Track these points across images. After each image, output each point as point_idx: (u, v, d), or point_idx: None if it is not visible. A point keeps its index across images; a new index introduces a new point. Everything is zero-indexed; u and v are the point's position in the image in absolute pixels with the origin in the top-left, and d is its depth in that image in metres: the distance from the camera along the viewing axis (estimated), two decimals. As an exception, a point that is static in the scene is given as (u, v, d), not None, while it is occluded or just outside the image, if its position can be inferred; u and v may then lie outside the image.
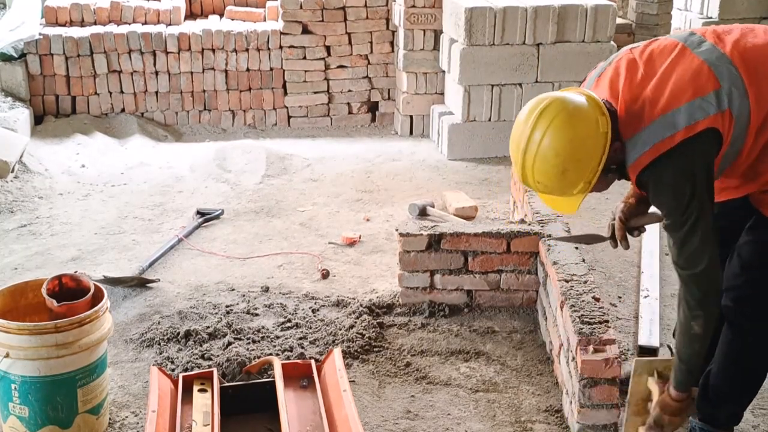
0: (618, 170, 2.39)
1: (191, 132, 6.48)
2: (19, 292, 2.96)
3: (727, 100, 2.27)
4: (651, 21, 6.37)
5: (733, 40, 2.34)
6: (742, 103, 2.28)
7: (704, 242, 2.31)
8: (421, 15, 6.26)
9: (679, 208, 2.29)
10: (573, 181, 2.31)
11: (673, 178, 2.29)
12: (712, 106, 2.26)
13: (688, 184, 2.27)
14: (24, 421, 2.78)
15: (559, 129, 2.25)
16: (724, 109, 2.27)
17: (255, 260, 4.35)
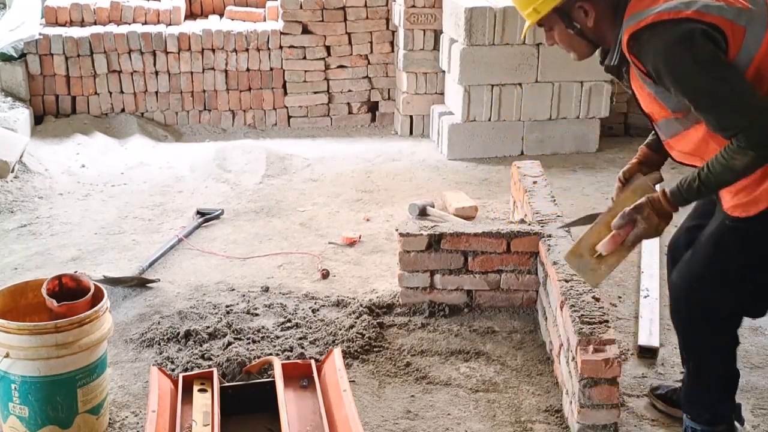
0: (589, 41, 2.60)
1: (191, 132, 6.48)
2: (19, 292, 2.96)
3: (745, 20, 2.29)
4: (651, 21, 6.38)
5: None
6: (755, 39, 2.30)
7: (739, 93, 2.27)
8: (421, 15, 6.26)
9: (698, 72, 2.27)
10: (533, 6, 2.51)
11: (676, 40, 2.28)
12: (731, 13, 2.29)
13: (691, 46, 2.27)
14: (24, 421, 2.78)
15: None
16: (741, 25, 2.29)
17: (255, 260, 4.35)
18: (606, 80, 5.92)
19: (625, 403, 3.09)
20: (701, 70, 2.27)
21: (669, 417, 3.04)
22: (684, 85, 2.32)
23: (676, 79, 2.32)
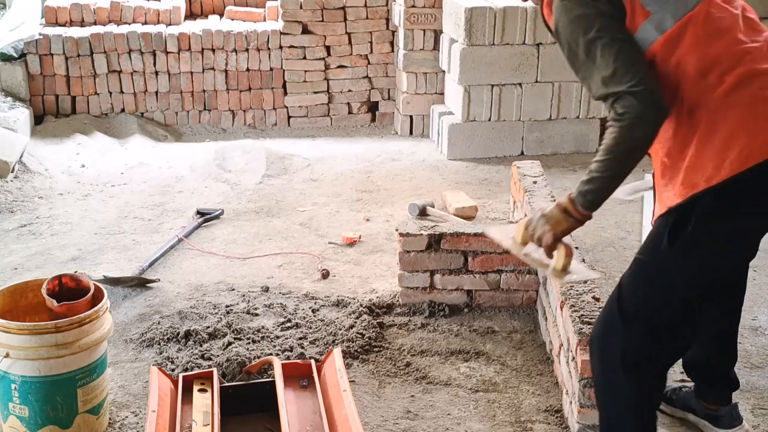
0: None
1: (191, 132, 6.48)
2: (19, 292, 2.96)
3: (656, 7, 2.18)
4: (651, 21, 6.38)
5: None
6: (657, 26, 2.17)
7: (624, 60, 2.12)
8: (421, 15, 6.26)
9: (582, 30, 2.16)
10: None
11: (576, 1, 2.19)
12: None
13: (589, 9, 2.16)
14: (24, 421, 2.78)
15: None
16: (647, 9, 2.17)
17: (255, 260, 4.35)
18: (606, 80, 5.92)
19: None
20: (581, 27, 2.17)
21: (669, 417, 3.04)
22: (564, 42, 2.22)
23: (560, 36, 2.23)
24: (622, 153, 2.17)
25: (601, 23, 2.15)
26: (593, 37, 2.15)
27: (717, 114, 2.15)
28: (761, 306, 3.88)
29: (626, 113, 2.10)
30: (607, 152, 2.16)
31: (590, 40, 2.15)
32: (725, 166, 2.13)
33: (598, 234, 4.66)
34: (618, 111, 2.12)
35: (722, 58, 2.15)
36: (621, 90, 2.11)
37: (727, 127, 2.13)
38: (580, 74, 2.24)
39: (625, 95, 2.10)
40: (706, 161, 2.16)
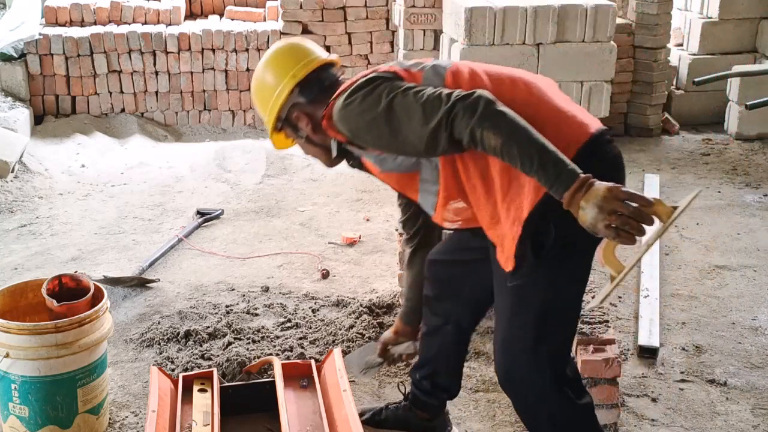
0: (322, 147, 2.38)
1: (191, 132, 6.48)
2: (19, 292, 2.96)
3: (421, 67, 2.21)
4: (651, 21, 6.36)
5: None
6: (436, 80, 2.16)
7: (426, 95, 2.05)
8: (421, 15, 6.26)
9: (374, 106, 2.10)
10: (262, 112, 2.41)
11: (352, 94, 2.15)
12: (408, 64, 2.24)
13: (367, 88, 2.14)
14: (24, 421, 2.78)
15: (264, 59, 2.40)
16: (417, 70, 2.19)
17: (255, 260, 4.35)
18: (606, 80, 5.92)
19: (625, 403, 3.09)
20: (370, 106, 2.12)
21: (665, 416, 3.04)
22: (367, 136, 2.17)
23: (361, 134, 2.18)
24: (513, 130, 1.95)
25: (384, 89, 2.11)
26: (386, 106, 2.09)
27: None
28: (761, 306, 3.88)
29: (468, 117, 1.97)
30: (510, 145, 1.94)
31: (385, 109, 2.09)
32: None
33: (598, 234, 4.65)
34: (462, 124, 1.98)
35: (498, 82, 2.18)
36: (444, 113, 2.00)
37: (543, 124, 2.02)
38: (400, 142, 2.11)
39: (451, 113, 1.99)
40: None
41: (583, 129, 2.12)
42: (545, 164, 1.91)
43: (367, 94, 2.13)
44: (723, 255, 4.42)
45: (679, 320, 3.74)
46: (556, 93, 2.23)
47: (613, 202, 1.84)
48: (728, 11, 6.62)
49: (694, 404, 3.14)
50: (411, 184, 2.32)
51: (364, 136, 2.19)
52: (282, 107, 2.35)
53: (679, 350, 3.49)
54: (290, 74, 2.33)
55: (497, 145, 1.94)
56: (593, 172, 1.91)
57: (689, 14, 6.92)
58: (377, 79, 2.16)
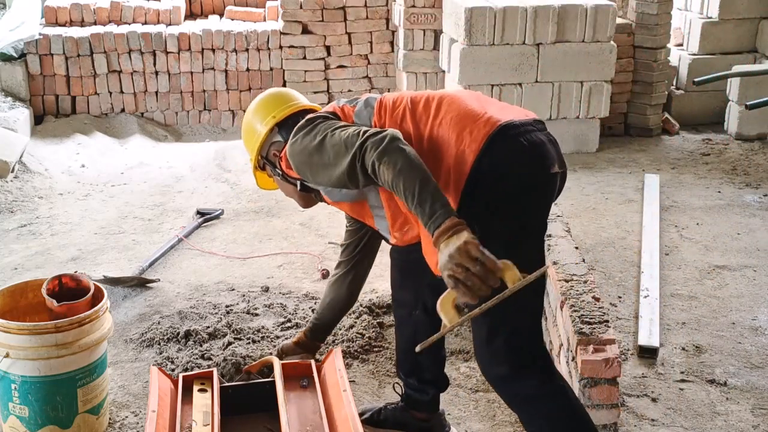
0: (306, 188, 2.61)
1: (191, 132, 6.48)
2: (19, 292, 2.96)
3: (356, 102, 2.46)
4: (651, 21, 6.36)
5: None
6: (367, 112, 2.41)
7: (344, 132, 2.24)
8: (421, 15, 6.26)
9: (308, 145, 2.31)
10: (248, 150, 2.74)
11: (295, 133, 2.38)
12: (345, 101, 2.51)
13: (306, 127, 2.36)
14: (24, 421, 2.78)
15: (253, 102, 2.72)
16: (351, 105, 2.45)
17: (255, 260, 4.35)
18: (606, 80, 5.92)
19: (625, 403, 3.10)
20: (304, 144, 2.32)
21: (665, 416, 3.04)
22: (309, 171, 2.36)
23: (302, 169, 2.39)
24: (405, 167, 2.04)
25: (321, 129, 2.31)
26: (318, 143, 2.28)
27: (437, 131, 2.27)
28: (761, 306, 3.88)
29: (373, 152, 2.09)
30: (399, 180, 2.04)
31: (317, 146, 2.28)
32: (467, 154, 2.19)
33: (598, 234, 4.66)
34: (370, 158, 2.10)
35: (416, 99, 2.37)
36: (357, 148, 2.14)
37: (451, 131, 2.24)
38: (332, 176, 2.26)
39: (362, 148, 2.13)
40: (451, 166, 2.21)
41: (491, 122, 2.22)
42: (423, 203, 2.00)
43: (306, 134, 2.34)
44: (723, 255, 4.42)
45: (679, 320, 3.74)
46: (477, 100, 2.35)
47: (463, 256, 1.92)
48: (728, 11, 6.62)
49: (694, 404, 3.14)
50: (363, 211, 2.53)
51: (305, 171, 2.39)
52: (262, 145, 2.66)
53: (679, 350, 3.49)
54: (271, 115, 2.64)
55: (389, 179, 2.07)
56: (497, 160, 2.16)
57: (689, 14, 6.92)
58: (317, 119, 2.38)
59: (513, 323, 2.28)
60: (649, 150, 6.21)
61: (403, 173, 2.04)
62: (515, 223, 2.23)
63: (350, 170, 2.18)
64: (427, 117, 2.30)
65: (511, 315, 2.24)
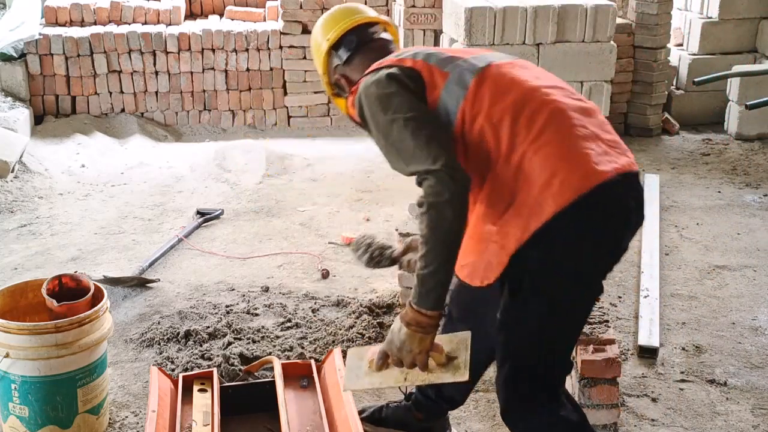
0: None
1: (191, 132, 6.48)
2: (19, 292, 2.96)
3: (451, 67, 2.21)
4: (651, 21, 6.36)
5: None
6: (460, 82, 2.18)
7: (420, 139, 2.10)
8: (421, 15, 6.26)
9: (381, 112, 2.17)
10: (321, 77, 2.60)
11: (365, 87, 2.23)
12: (435, 58, 2.24)
13: (375, 89, 2.19)
14: (24, 421, 2.78)
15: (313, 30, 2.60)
16: (445, 70, 2.21)
17: (255, 260, 4.35)
18: (606, 80, 5.92)
19: (625, 403, 3.09)
20: (379, 109, 2.17)
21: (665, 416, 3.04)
22: (371, 130, 2.25)
23: (367, 125, 2.26)
24: (440, 239, 2.04)
25: (397, 103, 2.15)
26: (390, 119, 2.15)
27: (530, 159, 2.08)
28: (761, 306, 3.88)
29: (429, 195, 2.03)
30: (426, 243, 2.04)
31: (388, 122, 2.15)
32: (548, 203, 2.03)
33: (598, 234, 4.65)
34: (423, 192, 2.06)
35: (521, 104, 2.13)
36: (421, 170, 2.07)
37: (543, 167, 2.06)
38: (387, 156, 2.25)
39: (426, 175, 2.05)
40: (529, 204, 2.06)
41: (588, 176, 2.05)
42: (428, 280, 2.05)
43: (381, 98, 2.17)
44: (723, 255, 4.42)
45: (679, 320, 3.74)
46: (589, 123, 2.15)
47: (407, 355, 2.13)
48: (728, 11, 6.62)
49: (694, 404, 3.13)
50: None
51: (367, 127, 2.28)
52: (326, 71, 2.54)
53: (679, 350, 3.49)
54: (326, 38, 2.49)
55: (423, 228, 2.05)
56: (575, 223, 2.04)
57: (689, 14, 6.91)
58: (396, 79, 2.18)
59: (515, 360, 2.28)
60: (649, 150, 6.21)
61: (436, 240, 2.03)
62: (568, 294, 2.14)
63: (407, 174, 2.17)
64: (526, 135, 2.09)
65: (513, 352, 2.26)
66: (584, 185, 2.04)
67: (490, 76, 2.19)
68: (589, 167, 2.06)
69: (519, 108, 2.13)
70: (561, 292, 2.13)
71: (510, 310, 2.18)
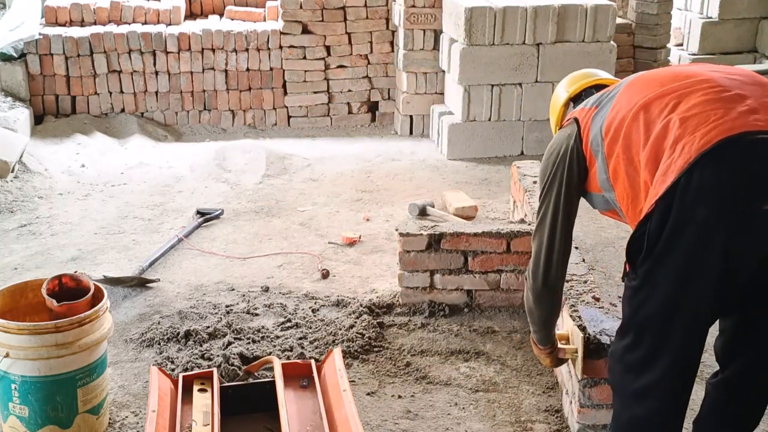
0: None
1: (191, 132, 6.48)
2: (19, 292, 2.96)
3: (597, 101, 2.47)
4: (651, 21, 6.37)
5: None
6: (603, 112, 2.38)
7: (547, 225, 2.51)
8: (421, 15, 6.26)
9: (540, 181, 2.57)
10: (552, 118, 2.88)
11: (548, 148, 2.58)
12: (591, 102, 2.51)
13: (551, 157, 2.52)
14: (24, 421, 2.78)
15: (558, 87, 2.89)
16: (594, 107, 2.46)
17: (255, 260, 4.35)
18: (606, 80, 5.92)
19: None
20: (541, 181, 2.56)
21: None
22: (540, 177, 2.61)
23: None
24: (529, 306, 2.69)
25: (550, 179, 2.51)
26: (543, 190, 2.54)
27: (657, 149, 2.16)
28: (761, 306, 3.87)
29: (535, 278, 2.59)
30: (530, 309, 2.70)
31: (541, 192, 2.56)
32: (671, 172, 2.05)
33: (598, 234, 4.66)
34: (531, 276, 2.61)
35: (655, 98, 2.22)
36: (535, 264, 2.58)
37: (668, 146, 2.10)
38: (537, 217, 2.62)
39: (536, 267, 2.56)
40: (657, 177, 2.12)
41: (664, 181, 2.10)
42: (537, 330, 2.76)
43: (547, 164, 2.53)
44: (723, 255, 4.41)
45: (679, 320, 3.73)
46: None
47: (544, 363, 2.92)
48: (728, 11, 6.63)
49: (694, 404, 3.13)
50: (617, 216, 2.55)
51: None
52: (559, 116, 2.80)
53: None
54: (567, 90, 2.79)
55: (527, 299, 2.69)
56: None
57: (689, 14, 6.92)
58: (559, 150, 2.49)
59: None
60: (649, 150, 6.21)
61: (534, 311, 2.68)
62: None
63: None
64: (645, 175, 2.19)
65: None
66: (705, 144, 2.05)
67: (625, 86, 2.41)
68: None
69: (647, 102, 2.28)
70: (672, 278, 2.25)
71: None
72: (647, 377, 2.18)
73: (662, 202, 2.04)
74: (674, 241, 2.04)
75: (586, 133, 2.41)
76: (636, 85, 2.33)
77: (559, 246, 2.52)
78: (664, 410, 2.22)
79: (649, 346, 2.17)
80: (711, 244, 2.01)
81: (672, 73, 2.30)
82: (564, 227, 2.51)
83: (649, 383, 2.19)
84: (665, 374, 2.17)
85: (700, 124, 2.05)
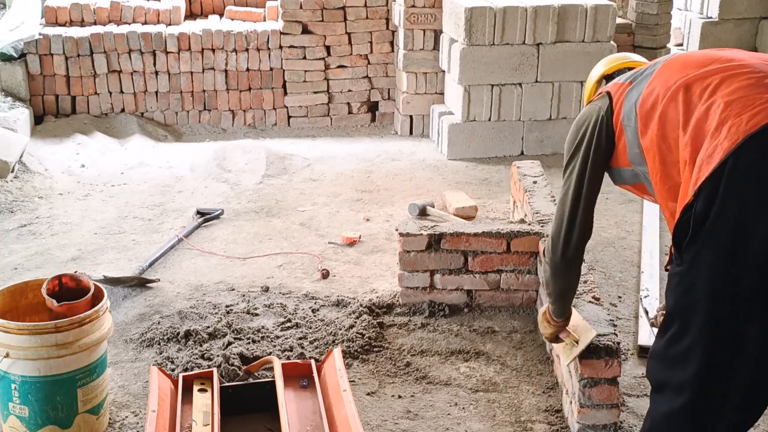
0: None
1: (191, 132, 6.48)
2: (19, 292, 2.96)
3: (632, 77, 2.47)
4: (651, 21, 6.37)
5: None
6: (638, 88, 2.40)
7: (570, 197, 2.52)
8: (421, 15, 6.26)
9: (566, 152, 2.58)
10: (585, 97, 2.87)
11: (576, 120, 2.60)
12: (625, 77, 2.53)
13: (581, 128, 2.53)
14: (24, 421, 2.79)
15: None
16: (629, 81, 2.47)
17: (255, 260, 4.35)
18: (606, 80, 5.93)
19: (625, 403, 3.09)
20: (569, 146, 2.56)
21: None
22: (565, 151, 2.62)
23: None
24: (546, 278, 2.72)
25: (573, 153, 2.53)
26: (565, 164, 2.57)
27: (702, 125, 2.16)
28: (761, 306, 3.87)
29: (554, 251, 2.59)
30: (547, 281, 2.73)
31: (564, 165, 2.58)
32: (717, 153, 2.06)
33: (598, 234, 4.65)
34: (549, 248, 2.62)
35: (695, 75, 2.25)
36: (550, 242, 2.60)
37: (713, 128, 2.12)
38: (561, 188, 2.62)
39: (557, 238, 2.57)
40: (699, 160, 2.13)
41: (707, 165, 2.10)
42: (553, 301, 2.78)
43: (575, 134, 2.54)
44: (723, 255, 4.41)
45: (679, 320, 3.74)
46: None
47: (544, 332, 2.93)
48: (728, 11, 6.63)
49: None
50: (644, 191, 2.58)
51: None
52: (591, 91, 2.79)
53: None
54: (603, 67, 2.79)
55: (544, 272, 2.74)
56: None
57: (689, 14, 6.92)
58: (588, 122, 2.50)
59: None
60: (649, 150, 6.21)
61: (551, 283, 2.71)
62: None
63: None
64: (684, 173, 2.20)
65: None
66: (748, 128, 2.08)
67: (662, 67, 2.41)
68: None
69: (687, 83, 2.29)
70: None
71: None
72: (689, 369, 2.13)
73: (709, 183, 2.07)
74: (722, 220, 2.06)
75: (619, 106, 2.44)
76: (675, 64, 2.36)
77: (582, 218, 2.54)
78: (699, 403, 2.15)
79: (694, 335, 2.12)
80: (759, 223, 2.03)
81: (711, 56, 2.32)
82: (587, 200, 2.53)
83: (690, 375, 2.13)
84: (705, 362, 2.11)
85: (746, 107, 2.10)
